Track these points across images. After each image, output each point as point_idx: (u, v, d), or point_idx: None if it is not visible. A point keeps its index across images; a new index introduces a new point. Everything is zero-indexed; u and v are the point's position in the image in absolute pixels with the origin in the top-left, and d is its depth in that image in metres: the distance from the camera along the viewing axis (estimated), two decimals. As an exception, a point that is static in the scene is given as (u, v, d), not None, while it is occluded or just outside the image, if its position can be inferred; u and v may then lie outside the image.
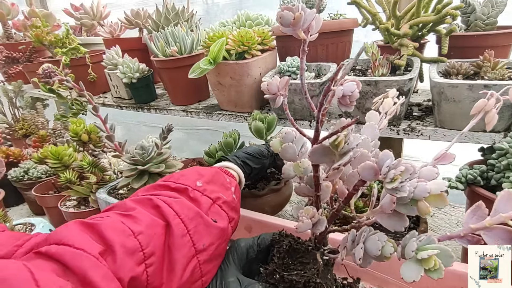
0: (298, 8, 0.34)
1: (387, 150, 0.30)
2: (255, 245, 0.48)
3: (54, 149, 0.78)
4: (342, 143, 0.32)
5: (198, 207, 0.45)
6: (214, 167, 0.56)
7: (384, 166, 0.29)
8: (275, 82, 0.43)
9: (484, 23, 0.73)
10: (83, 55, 1.22)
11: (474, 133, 0.62)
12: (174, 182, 0.48)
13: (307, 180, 0.42)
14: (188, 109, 1.01)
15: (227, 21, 1.04)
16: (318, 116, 0.36)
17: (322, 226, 0.39)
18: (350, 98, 0.32)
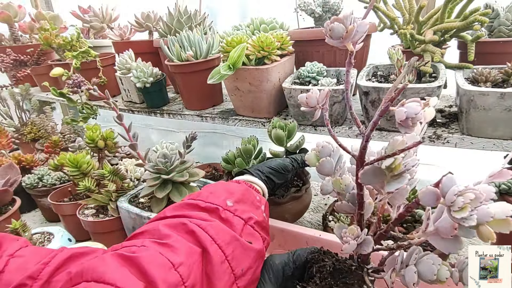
0: (348, 19, 0.33)
1: (450, 173, 0.29)
2: (291, 262, 0.47)
3: (73, 157, 0.77)
4: (399, 167, 0.31)
5: (231, 228, 0.43)
6: (242, 184, 0.55)
7: (450, 192, 0.28)
8: (314, 95, 0.42)
9: (508, 28, 0.72)
10: (94, 59, 1.20)
11: (503, 141, 0.61)
12: (203, 201, 0.47)
13: (349, 198, 0.41)
14: (203, 114, 1.00)
15: (241, 25, 1.03)
16: (368, 134, 0.35)
17: (369, 247, 0.37)
18: (412, 120, 0.30)
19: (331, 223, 0.80)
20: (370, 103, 0.70)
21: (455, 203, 0.27)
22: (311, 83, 0.82)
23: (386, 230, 0.37)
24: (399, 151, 0.31)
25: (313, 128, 0.81)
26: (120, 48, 1.20)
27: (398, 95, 0.30)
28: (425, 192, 0.29)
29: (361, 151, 0.36)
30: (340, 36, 0.33)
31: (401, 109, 0.30)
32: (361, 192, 0.38)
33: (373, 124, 0.33)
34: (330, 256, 0.45)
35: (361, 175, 0.35)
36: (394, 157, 0.31)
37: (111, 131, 0.89)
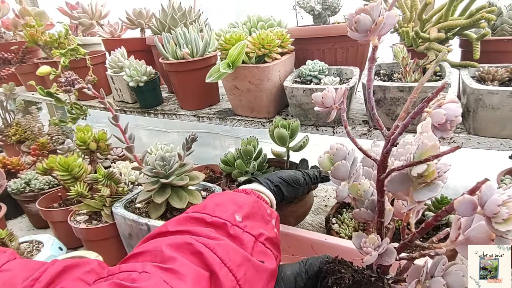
0: (375, 10, 0.30)
1: (488, 180, 0.26)
2: (303, 272, 0.45)
3: (63, 160, 0.72)
4: (434, 174, 0.28)
5: (241, 246, 0.40)
6: (251, 195, 0.51)
7: (491, 202, 0.25)
8: (331, 94, 0.40)
9: (510, 27, 0.72)
10: (83, 57, 1.15)
11: (510, 141, 0.61)
12: (209, 215, 0.43)
13: (368, 205, 0.39)
14: (200, 114, 0.96)
15: (237, 22, 1.00)
16: (395, 137, 0.32)
17: (391, 258, 0.35)
18: (451, 124, 0.27)
19: (334, 225, 0.78)
20: (375, 102, 0.68)
21: (499, 215, 0.25)
22: (312, 82, 0.80)
23: (411, 240, 0.35)
24: (433, 156, 0.28)
25: (315, 128, 0.79)
26: (111, 46, 1.15)
27: (436, 95, 0.27)
28: (462, 201, 0.27)
29: (383, 155, 0.34)
30: (367, 29, 0.30)
31: (439, 111, 0.27)
32: (382, 199, 0.36)
33: (403, 127, 0.30)
34: (346, 266, 0.43)
35: (388, 183, 0.32)
36: (427, 163, 0.28)
37: (103, 132, 0.84)
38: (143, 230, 0.63)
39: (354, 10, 0.31)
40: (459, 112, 0.27)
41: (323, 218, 0.95)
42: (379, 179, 0.34)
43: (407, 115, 0.31)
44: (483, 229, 0.29)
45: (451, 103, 0.27)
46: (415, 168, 0.29)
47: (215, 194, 0.50)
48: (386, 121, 0.69)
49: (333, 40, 0.84)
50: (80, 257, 0.66)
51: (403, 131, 0.30)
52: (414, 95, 0.31)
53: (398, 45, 0.70)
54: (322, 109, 0.40)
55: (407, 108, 0.32)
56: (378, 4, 0.29)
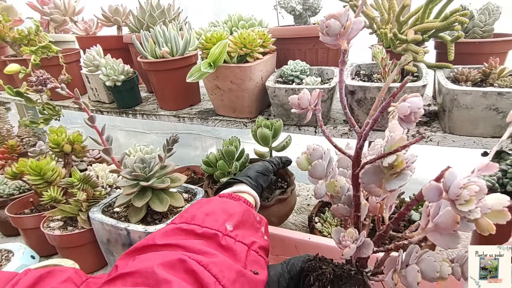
0: (344, 16, 0.32)
1: (450, 167, 0.28)
2: (286, 272, 0.45)
3: (35, 164, 0.68)
4: (402, 164, 0.30)
5: (234, 258, 0.39)
6: (241, 203, 0.49)
7: (454, 186, 0.27)
8: (306, 96, 0.40)
9: (481, 30, 0.75)
10: (56, 55, 1.10)
11: (482, 139, 0.63)
12: (199, 225, 0.41)
13: (345, 200, 0.40)
14: (180, 115, 0.94)
15: (218, 21, 0.99)
16: (366, 132, 0.33)
17: (369, 250, 0.36)
18: (415, 115, 0.29)
19: (317, 224, 0.78)
20: (356, 102, 0.69)
21: (461, 196, 0.27)
22: (294, 81, 0.80)
23: (386, 231, 0.36)
24: (401, 147, 0.30)
25: (297, 128, 0.79)
26: (86, 43, 1.11)
27: (400, 91, 0.29)
28: (429, 188, 0.28)
29: (357, 151, 0.35)
30: (336, 34, 0.32)
31: (404, 104, 0.29)
32: (357, 194, 0.37)
33: (372, 122, 0.31)
34: (327, 263, 0.44)
35: (362, 175, 0.34)
36: (396, 154, 0.30)
37: (79, 134, 0.81)
38: (122, 235, 0.60)
39: (325, 16, 0.33)
40: (421, 104, 0.29)
41: (306, 217, 0.96)
42: (354, 174, 0.36)
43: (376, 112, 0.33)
44: (449, 214, 0.31)
45: (414, 97, 0.29)
46: (385, 159, 0.31)
47: (203, 202, 0.48)
48: (365, 119, 0.70)
49: (314, 41, 0.85)
50: (54, 266, 0.62)
51: (373, 126, 0.32)
52: (382, 95, 0.34)
53: (377, 46, 0.71)
54: (298, 110, 0.41)
55: (376, 106, 0.34)
56: (346, 11, 0.31)
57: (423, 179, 1.18)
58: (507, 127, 0.33)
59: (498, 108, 0.58)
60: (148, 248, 0.39)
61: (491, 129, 0.61)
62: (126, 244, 0.61)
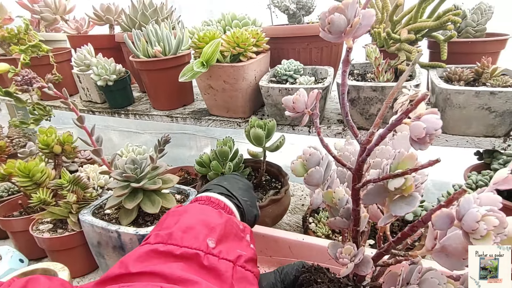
0: (351, 9, 0.27)
1: (466, 192, 0.25)
2: (279, 282, 0.43)
3: (23, 165, 0.66)
4: (411, 188, 0.27)
5: (219, 279, 0.35)
6: (222, 214, 0.44)
7: (470, 218, 0.24)
8: (302, 98, 0.38)
9: (474, 29, 0.75)
10: (46, 54, 1.08)
11: (475, 138, 0.63)
12: (177, 245, 0.37)
13: (343, 213, 0.37)
14: (173, 115, 0.93)
15: (211, 20, 0.98)
16: (371, 147, 0.29)
17: (368, 268, 0.34)
18: (431, 137, 0.25)
19: (311, 225, 0.78)
20: (349, 102, 0.69)
21: (477, 231, 0.24)
22: (288, 81, 0.80)
23: (387, 249, 0.34)
24: (411, 170, 0.26)
25: (291, 128, 0.79)
26: (77, 42, 1.09)
27: (415, 108, 0.25)
28: (439, 215, 0.26)
29: (358, 164, 0.32)
30: (341, 31, 0.27)
31: (418, 124, 0.25)
32: (357, 208, 0.35)
33: (379, 139, 0.28)
34: (323, 275, 0.42)
35: (364, 196, 0.31)
36: (405, 177, 0.27)
37: (69, 134, 0.79)
38: (113, 237, 0.59)
39: (328, 9, 0.27)
40: (439, 125, 0.25)
41: (300, 218, 0.95)
42: (354, 188, 0.33)
43: (382, 121, 0.30)
44: (459, 239, 0.28)
45: (431, 114, 0.25)
46: (391, 181, 0.28)
47: (180, 211, 0.43)
48: (360, 120, 0.70)
49: (308, 40, 0.84)
50: (43, 269, 0.61)
51: (380, 142, 0.29)
52: (389, 100, 0.30)
53: (371, 46, 0.71)
54: (293, 114, 0.38)
55: (382, 114, 0.30)
56: (354, 2, 0.26)
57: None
58: (500, 127, 0.32)
59: (490, 107, 0.58)
60: (121, 277, 0.35)
61: (484, 129, 0.61)
62: (117, 246, 0.60)
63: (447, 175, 0.98)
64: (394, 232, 0.70)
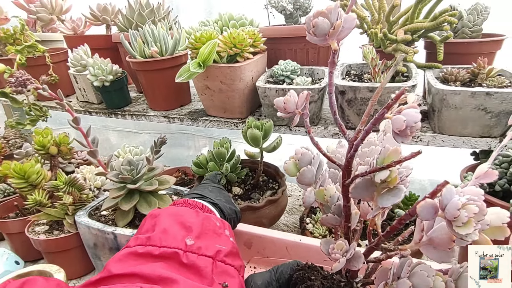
0: (333, 14, 0.28)
1: (448, 183, 0.26)
2: (274, 281, 0.43)
3: (19, 167, 0.66)
4: (396, 180, 0.28)
5: (199, 275, 0.35)
6: (198, 212, 0.45)
7: (452, 206, 0.25)
8: (292, 99, 0.38)
9: (470, 30, 0.76)
10: (42, 54, 1.07)
11: (471, 139, 0.64)
12: (156, 246, 0.37)
13: (335, 210, 0.38)
14: (170, 115, 0.93)
15: (208, 21, 0.98)
16: (358, 143, 0.31)
17: (359, 262, 0.34)
18: (411, 130, 0.27)
19: (308, 225, 0.78)
20: (346, 102, 0.69)
21: (459, 218, 0.25)
22: (285, 82, 0.80)
23: (377, 244, 0.35)
24: (395, 162, 0.28)
25: (288, 128, 0.79)
26: (74, 43, 1.09)
27: (395, 102, 0.27)
28: (424, 205, 0.27)
29: (347, 161, 0.33)
30: (325, 34, 0.28)
31: (399, 117, 0.26)
32: (348, 204, 0.35)
33: (365, 133, 0.29)
34: (316, 272, 0.42)
35: (352, 190, 0.32)
36: (390, 169, 0.28)
37: (65, 135, 0.79)
38: (109, 239, 0.59)
39: (312, 13, 0.29)
40: (418, 118, 0.26)
41: (297, 218, 0.95)
42: (344, 184, 0.34)
43: (369, 120, 0.31)
44: (445, 230, 0.29)
45: (411, 108, 0.27)
46: (378, 174, 0.29)
47: (158, 215, 0.43)
48: (357, 120, 0.70)
49: (304, 40, 0.84)
50: (39, 271, 0.61)
51: (366, 137, 0.30)
52: (375, 99, 0.31)
53: (368, 46, 0.71)
54: (285, 114, 0.39)
55: (368, 112, 0.32)
56: (336, 7, 0.28)
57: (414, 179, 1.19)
58: (496, 127, 0.33)
59: (486, 108, 0.58)
60: (103, 280, 0.35)
61: (480, 129, 0.62)
62: (113, 248, 0.60)
63: (445, 175, 0.99)
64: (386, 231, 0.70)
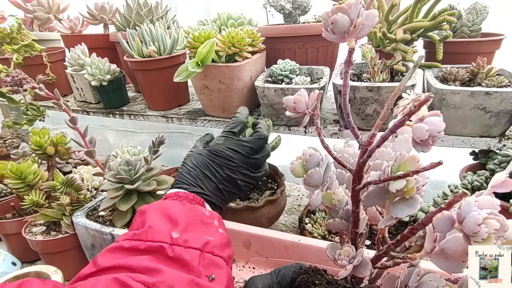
0: (354, 9, 0.26)
1: (467, 194, 0.25)
2: (275, 284, 0.42)
3: (15, 167, 0.65)
4: (413, 191, 0.27)
5: (186, 267, 0.35)
6: (184, 203, 0.43)
7: (471, 221, 0.24)
8: (303, 99, 0.38)
9: (469, 29, 0.75)
10: (39, 53, 1.07)
11: (471, 138, 0.63)
12: (142, 240, 0.37)
13: (343, 215, 0.37)
14: (168, 115, 0.93)
15: (206, 20, 0.97)
16: (372, 149, 0.30)
17: (367, 270, 0.34)
18: (433, 139, 0.25)
19: (307, 225, 0.78)
20: (345, 102, 0.68)
21: (479, 234, 0.24)
22: (284, 81, 0.79)
23: (386, 252, 0.34)
24: (413, 172, 0.26)
25: (287, 128, 0.78)
26: (71, 42, 1.08)
27: (418, 110, 0.25)
28: (440, 218, 0.26)
29: (359, 165, 0.32)
30: (345, 31, 0.27)
31: (421, 126, 0.25)
32: (357, 210, 0.34)
33: (381, 140, 0.28)
34: (320, 276, 0.41)
35: (365, 198, 0.31)
36: (407, 179, 0.27)
37: (62, 135, 0.78)
38: (107, 240, 0.59)
39: (331, 9, 0.27)
40: (442, 127, 0.25)
41: (296, 218, 0.95)
42: (354, 190, 0.33)
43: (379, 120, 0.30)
44: (459, 242, 0.28)
45: (434, 116, 0.25)
46: (393, 183, 0.27)
47: (145, 211, 0.42)
48: (356, 120, 0.70)
49: (303, 40, 0.84)
50: (36, 273, 0.60)
51: (382, 143, 0.29)
52: (391, 102, 0.30)
53: (367, 46, 0.70)
54: (294, 115, 0.38)
55: (384, 116, 0.30)
56: (357, 2, 0.26)
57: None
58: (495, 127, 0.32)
59: (485, 107, 0.58)
60: (91, 275, 0.35)
61: (479, 129, 0.61)
62: (111, 249, 0.59)
63: (444, 174, 0.99)
64: (390, 233, 0.70)
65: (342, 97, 0.31)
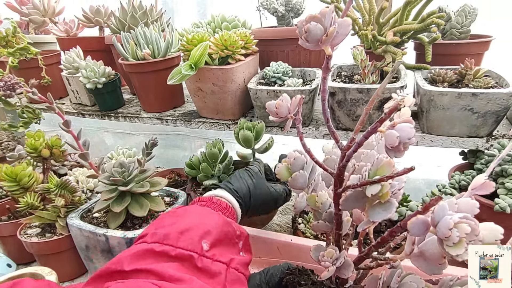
0: (327, 18, 0.27)
1: (441, 199, 0.26)
2: (263, 283, 0.43)
3: (10, 170, 0.66)
4: (387, 195, 0.28)
5: (212, 279, 0.36)
6: (219, 215, 0.45)
7: (443, 225, 0.25)
8: (285, 103, 0.38)
9: (458, 31, 0.77)
10: (35, 56, 1.07)
11: (459, 139, 0.65)
12: (173, 246, 0.38)
13: (326, 217, 0.38)
14: (163, 117, 0.94)
15: (201, 22, 0.98)
16: (350, 154, 0.30)
17: (349, 271, 0.35)
18: (405, 146, 0.26)
19: (300, 226, 0.79)
20: (336, 104, 0.69)
21: (450, 238, 0.24)
22: (276, 83, 0.80)
23: (368, 253, 0.35)
24: (387, 177, 0.27)
25: (280, 129, 0.79)
26: (66, 45, 1.09)
27: (388, 117, 0.26)
28: (415, 222, 0.26)
29: (339, 169, 0.33)
30: (318, 39, 0.28)
31: (392, 133, 0.26)
32: (339, 212, 0.35)
33: (357, 146, 0.29)
34: (307, 277, 0.42)
35: (342, 202, 0.31)
36: (381, 184, 0.28)
37: (57, 137, 0.79)
38: (101, 241, 0.59)
39: (305, 18, 0.28)
40: (412, 133, 0.26)
41: (290, 218, 0.96)
42: (336, 193, 0.34)
43: (362, 127, 0.31)
44: (436, 245, 0.29)
45: (405, 123, 0.26)
46: (369, 188, 0.28)
47: (179, 213, 0.44)
48: (347, 121, 0.71)
49: (296, 42, 0.83)
50: (31, 274, 0.61)
51: (358, 149, 0.30)
52: (369, 107, 0.30)
53: (358, 48, 0.72)
54: (277, 119, 0.39)
55: (362, 120, 0.31)
56: (330, 11, 0.26)
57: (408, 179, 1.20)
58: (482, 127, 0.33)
59: (473, 108, 0.59)
60: (116, 274, 0.36)
61: (467, 129, 0.63)
62: (105, 250, 0.60)
63: (438, 173, 1.00)
64: (381, 231, 0.71)
65: (322, 102, 0.32)
